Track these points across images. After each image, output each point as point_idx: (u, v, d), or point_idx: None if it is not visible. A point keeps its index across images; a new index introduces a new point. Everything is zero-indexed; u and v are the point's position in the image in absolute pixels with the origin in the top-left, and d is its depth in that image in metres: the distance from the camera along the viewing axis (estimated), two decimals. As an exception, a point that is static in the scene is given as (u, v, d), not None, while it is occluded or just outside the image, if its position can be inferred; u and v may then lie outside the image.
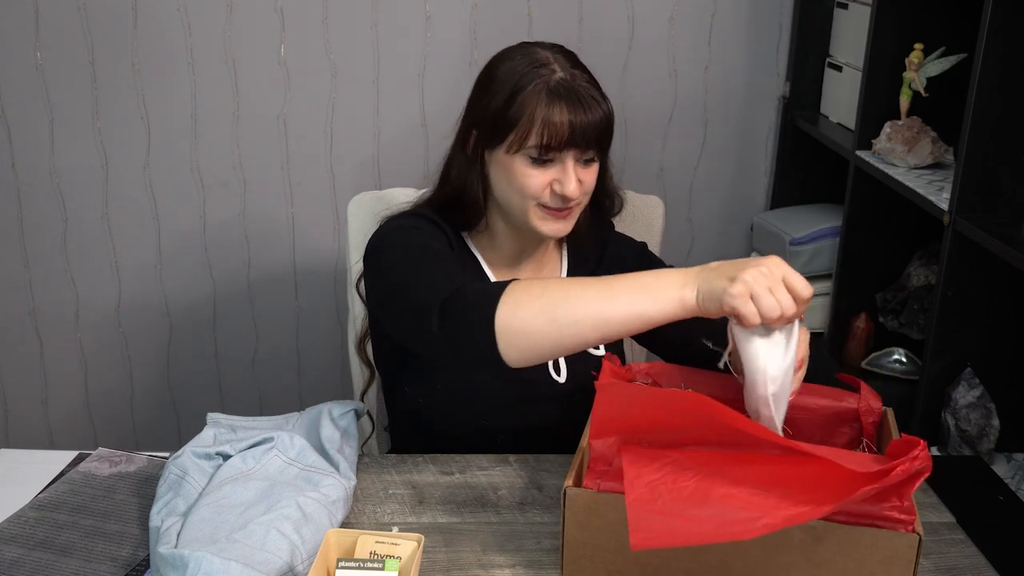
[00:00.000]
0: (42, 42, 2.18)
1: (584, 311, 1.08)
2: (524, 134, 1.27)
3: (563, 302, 1.09)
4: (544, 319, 1.09)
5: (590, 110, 1.27)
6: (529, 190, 1.30)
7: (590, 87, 1.29)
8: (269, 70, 2.23)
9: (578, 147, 1.28)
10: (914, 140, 1.81)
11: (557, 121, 1.26)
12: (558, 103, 1.26)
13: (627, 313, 1.08)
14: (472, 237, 1.44)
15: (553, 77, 1.28)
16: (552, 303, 1.09)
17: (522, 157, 1.29)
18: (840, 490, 0.94)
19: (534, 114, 1.26)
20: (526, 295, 1.10)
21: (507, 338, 1.09)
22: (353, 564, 1.01)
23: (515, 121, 1.27)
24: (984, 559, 1.15)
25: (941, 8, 1.84)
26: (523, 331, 1.09)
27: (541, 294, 1.10)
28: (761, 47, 2.30)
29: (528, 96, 1.27)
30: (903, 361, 1.93)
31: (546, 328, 1.09)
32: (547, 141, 1.26)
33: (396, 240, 1.33)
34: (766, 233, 2.24)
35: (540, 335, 1.09)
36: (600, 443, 1.08)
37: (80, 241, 2.34)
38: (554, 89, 1.27)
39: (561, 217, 1.33)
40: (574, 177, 1.29)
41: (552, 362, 1.39)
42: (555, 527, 1.17)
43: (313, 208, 2.35)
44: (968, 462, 1.49)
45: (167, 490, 1.16)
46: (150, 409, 2.51)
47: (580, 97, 1.27)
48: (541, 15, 2.23)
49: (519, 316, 1.09)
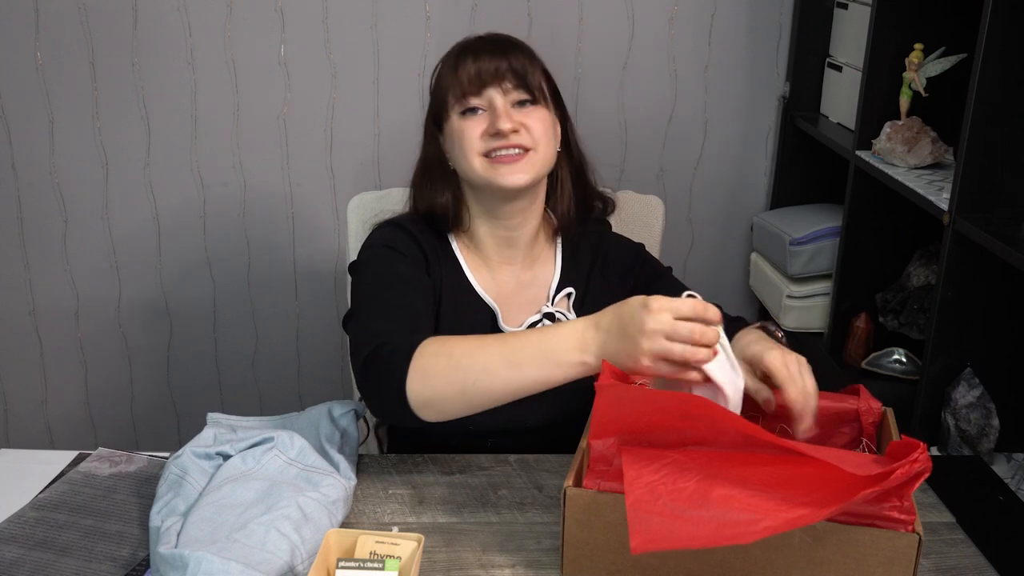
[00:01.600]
0: (42, 42, 2.18)
1: (492, 381, 1.13)
2: (446, 95, 1.35)
3: (471, 373, 1.13)
4: (454, 390, 1.14)
5: (503, 53, 1.34)
6: (467, 141, 1.34)
7: (506, 41, 1.37)
8: (269, 70, 2.23)
9: (496, 85, 1.33)
10: (914, 140, 1.81)
11: (466, 69, 1.33)
12: (465, 57, 1.35)
13: (533, 381, 1.13)
14: (458, 238, 1.45)
15: (468, 39, 1.37)
16: (461, 373, 1.13)
17: (455, 118, 1.35)
18: (841, 492, 0.94)
19: (452, 72, 1.35)
20: (434, 365, 1.14)
21: (421, 408, 1.15)
22: (353, 564, 1.01)
23: (442, 90, 1.36)
24: (984, 559, 1.15)
25: (941, 8, 1.84)
26: (434, 400, 1.14)
27: (448, 363, 1.14)
28: (761, 47, 2.30)
29: (444, 64, 1.37)
30: (903, 361, 1.93)
31: (457, 398, 1.14)
32: (463, 90, 1.33)
33: (371, 259, 1.38)
34: (766, 233, 2.24)
35: (452, 403, 1.15)
36: (600, 443, 1.08)
37: (80, 241, 2.34)
38: (462, 46, 1.36)
39: (511, 161, 1.34)
40: (504, 112, 1.33)
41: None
42: (555, 527, 1.17)
43: (313, 208, 2.35)
44: (968, 462, 1.49)
45: (167, 490, 1.16)
46: (150, 409, 2.51)
47: (491, 45, 1.35)
48: (541, 15, 2.23)
49: (429, 386, 1.14)
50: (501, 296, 1.43)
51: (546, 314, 1.41)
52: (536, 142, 1.34)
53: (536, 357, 1.12)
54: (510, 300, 1.43)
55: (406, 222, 1.42)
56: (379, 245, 1.39)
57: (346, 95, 2.26)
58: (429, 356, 1.15)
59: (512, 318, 1.41)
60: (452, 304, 1.39)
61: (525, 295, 1.44)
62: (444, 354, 1.15)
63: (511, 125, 1.31)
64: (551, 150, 1.37)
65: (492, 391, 1.14)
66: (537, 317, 1.41)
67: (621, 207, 1.70)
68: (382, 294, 1.31)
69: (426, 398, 1.14)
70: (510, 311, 1.42)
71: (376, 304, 1.29)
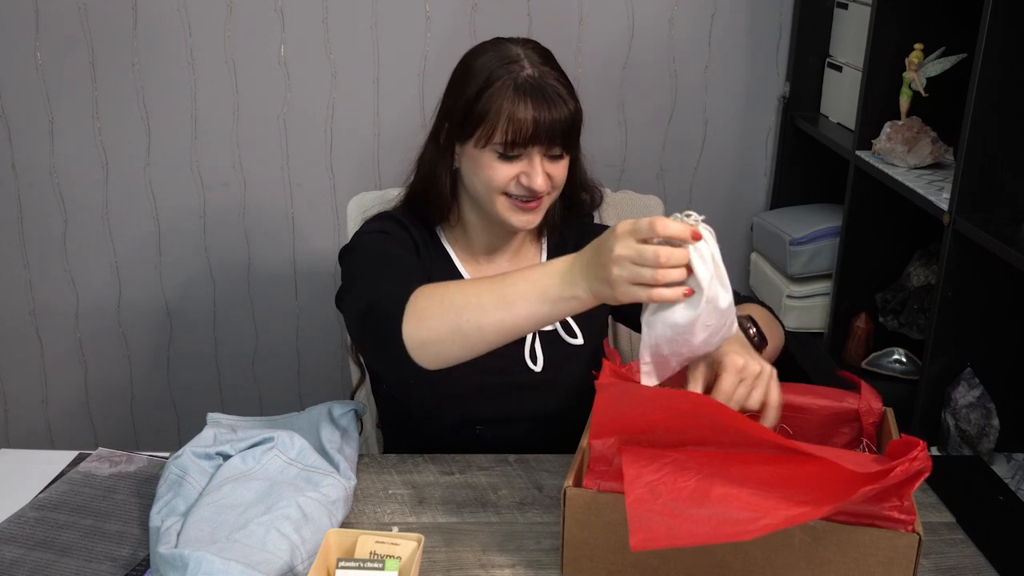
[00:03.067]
0: (42, 42, 2.18)
1: (486, 320, 1.12)
2: (491, 129, 1.30)
3: (464, 311, 1.13)
4: (448, 329, 1.13)
5: (555, 107, 1.30)
6: (495, 182, 1.33)
7: (557, 85, 1.32)
8: (269, 70, 2.23)
9: (543, 143, 1.31)
10: (914, 140, 1.81)
11: (522, 117, 1.28)
12: (524, 100, 1.29)
13: (526, 318, 1.12)
14: (446, 231, 1.46)
15: (521, 74, 1.31)
16: (454, 312, 1.13)
17: (489, 151, 1.32)
18: (840, 490, 0.94)
19: (500, 110, 1.29)
20: (427, 306, 1.15)
21: (418, 350, 1.14)
22: (353, 564, 1.01)
23: (483, 116, 1.30)
24: (984, 559, 1.15)
25: (941, 8, 1.84)
26: (431, 341, 1.14)
27: (441, 303, 1.15)
28: (761, 47, 2.30)
29: (495, 92, 1.30)
30: (903, 361, 1.93)
31: (453, 337, 1.13)
32: (512, 137, 1.29)
33: (363, 243, 1.38)
34: (766, 233, 2.24)
35: (448, 343, 1.14)
36: (600, 443, 1.08)
37: (80, 241, 2.34)
38: (521, 86, 1.30)
39: (529, 209, 1.35)
40: (540, 171, 1.32)
41: (528, 351, 1.41)
42: (555, 527, 1.17)
43: (313, 208, 2.35)
44: (968, 462, 1.49)
45: (167, 490, 1.16)
46: (150, 409, 2.51)
47: (546, 94, 1.30)
48: (541, 15, 2.23)
49: (425, 327, 1.14)
50: None
51: None
52: (553, 190, 1.37)
53: (527, 292, 1.11)
54: None
55: (397, 214, 1.44)
56: (370, 232, 1.40)
57: (346, 95, 2.26)
58: (423, 298, 1.16)
59: None
60: None
61: None
62: (438, 295, 1.16)
63: (546, 187, 1.33)
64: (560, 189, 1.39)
65: (485, 329, 1.12)
66: None
67: (621, 207, 1.71)
68: (375, 267, 1.32)
69: (422, 339, 1.14)
70: None
71: (370, 275, 1.30)
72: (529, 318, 1.12)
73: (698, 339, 1.06)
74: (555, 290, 1.10)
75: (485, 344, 1.15)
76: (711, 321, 1.05)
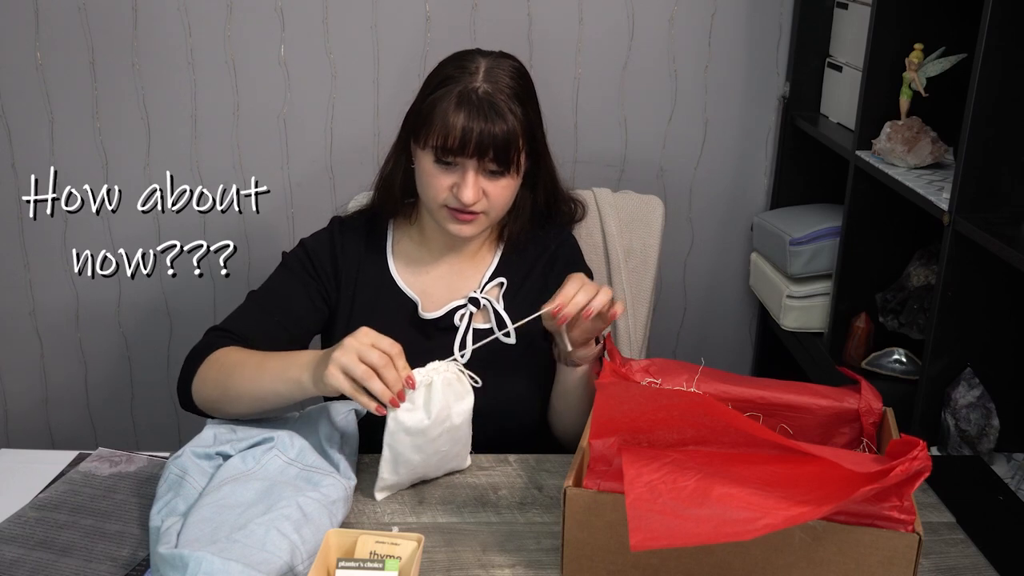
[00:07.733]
0: (42, 42, 2.18)
1: (243, 387, 1.25)
2: (428, 131, 1.33)
3: (230, 378, 1.27)
4: (218, 393, 1.28)
5: (490, 121, 1.30)
6: (431, 189, 1.36)
7: (506, 101, 1.32)
8: (269, 70, 2.23)
9: (475, 155, 1.31)
10: (914, 140, 1.81)
11: (454, 125, 1.30)
12: (461, 108, 1.31)
13: (268, 391, 1.23)
14: (399, 229, 1.50)
15: (471, 84, 1.32)
16: (224, 377, 1.27)
17: (428, 154, 1.34)
18: (840, 490, 0.94)
19: (439, 113, 1.32)
20: (211, 369, 1.30)
21: (201, 405, 1.32)
22: (353, 564, 1.01)
23: (426, 117, 1.34)
24: (984, 559, 1.15)
25: (941, 8, 1.84)
26: (207, 401, 1.30)
27: (220, 369, 1.29)
28: (761, 47, 2.30)
29: (441, 96, 1.33)
30: (903, 361, 1.93)
31: (221, 399, 1.28)
32: (443, 143, 1.31)
33: (284, 263, 1.52)
34: (766, 233, 2.24)
35: (219, 404, 1.29)
36: (600, 443, 1.08)
37: (80, 241, 2.34)
38: (463, 94, 1.31)
39: (464, 220, 1.37)
40: (472, 185, 1.33)
41: (459, 343, 1.41)
42: (555, 527, 1.17)
43: (313, 208, 2.35)
44: (968, 462, 1.49)
45: (167, 490, 1.16)
46: (150, 409, 2.51)
47: (484, 107, 1.31)
48: (541, 15, 2.22)
49: (204, 391, 1.30)
50: (429, 285, 1.47)
51: (471, 299, 1.44)
52: (491, 208, 1.37)
53: (274, 369, 1.22)
54: (439, 288, 1.47)
55: (345, 226, 1.50)
56: (292, 254, 1.51)
57: (346, 95, 2.26)
58: (215, 360, 1.30)
59: (434, 305, 1.45)
60: (371, 297, 1.45)
61: (455, 283, 1.47)
62: (227, 359, 1.29)
63: (474, 200, 1.34)
64: (505, 209, 1.41)
65: (243, 397, 1.25)
66: (462, 302, 1.44)
67: (621, 207, 1.71)
68: (250, 299, 1.47)
69: (203, 398, 1.30)
70: (434, 299, 1.45)
71: (242, 304, 1.47)
72: (271, 392, 1.23)
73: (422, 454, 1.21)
74: (289, 371, 1.20)
75: (243, 409, 1.28)
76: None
